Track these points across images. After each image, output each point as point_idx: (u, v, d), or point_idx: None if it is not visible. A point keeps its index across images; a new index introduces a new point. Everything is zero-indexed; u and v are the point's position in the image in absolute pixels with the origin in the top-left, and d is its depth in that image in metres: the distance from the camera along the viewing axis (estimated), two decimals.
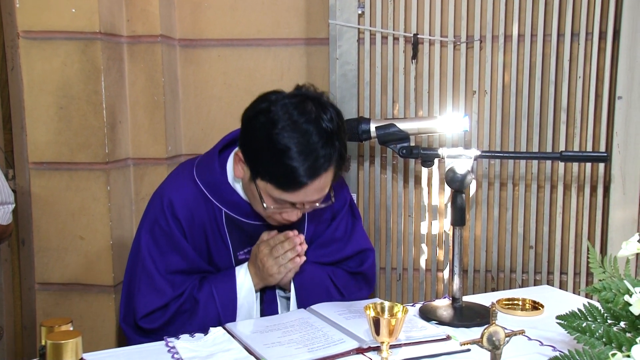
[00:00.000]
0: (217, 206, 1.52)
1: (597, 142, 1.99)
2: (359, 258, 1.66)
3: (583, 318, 1.14)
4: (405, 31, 2.03)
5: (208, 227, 1.53)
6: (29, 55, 1.82)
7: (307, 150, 1.31)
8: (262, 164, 1.35)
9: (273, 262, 1.46)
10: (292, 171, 1.31)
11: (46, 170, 1.86)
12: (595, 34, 1.95)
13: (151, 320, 1.48)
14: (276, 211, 1.42)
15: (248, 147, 1.40)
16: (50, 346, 0.93)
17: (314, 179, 1.33)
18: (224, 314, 1.47)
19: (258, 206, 1.44)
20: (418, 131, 1.58)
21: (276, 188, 1.35)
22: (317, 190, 1.37)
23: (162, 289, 1.48)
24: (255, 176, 1.38)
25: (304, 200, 1.38)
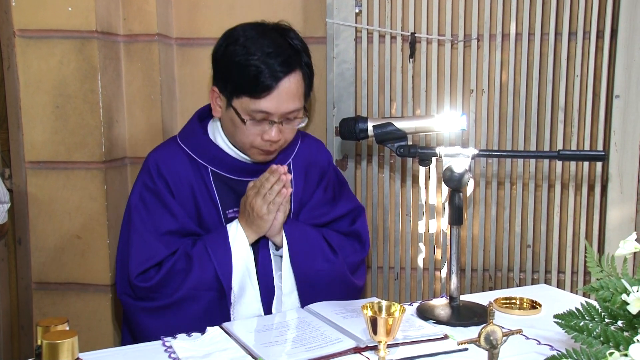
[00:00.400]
0: (203, 165, 1.58)
1: (594, 141, 1.99)
2: (350, 217, 1.71)
3: (580, 317, 1.14)
4: (402, 30, 2.03)
5: (196, 187, 1.56)
6: (25, 54, 1.82)
7: (272, 52, 1.45)
8: (233, 79, 1.47)
9: (261, 202, 1.47)
10: (260, 72, 1.44)
11: (43, 169, 1.86)
12: (592, 33, 1.95)
13: (145, 279, 1.48)
14: (257, 131, 1.49)
15: (219, 73, 1.53)
16: (46, 346, 0.92)
17: (283, 77, 1.45)
18: (220, 270, 1.46)
19: (241, 136, 1.51)
20: (415, 130, 1.58)
21: (250, 98, 1.45)
22: (288, 96, 1.47)
23: (155, 248, 1.50)
24: (230, 98, 1.49)
25: (279, 108, 1.47)
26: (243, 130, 1.50)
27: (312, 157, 1.72)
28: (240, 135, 1.53)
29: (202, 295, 1.46)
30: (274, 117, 1.48)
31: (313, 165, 1.70)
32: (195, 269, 1.46)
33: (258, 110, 1.46)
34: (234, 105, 1.49)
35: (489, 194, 2.07)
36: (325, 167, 1.74)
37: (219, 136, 1.62)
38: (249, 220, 1.50)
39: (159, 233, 1.52)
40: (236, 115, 1.49)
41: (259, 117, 1.48)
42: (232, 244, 1.49)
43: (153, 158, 1.60)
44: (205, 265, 1.47)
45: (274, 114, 1.48)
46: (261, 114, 1.47)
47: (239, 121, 1.49)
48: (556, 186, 2.03)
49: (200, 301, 1.46)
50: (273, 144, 1.53)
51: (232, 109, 1.50)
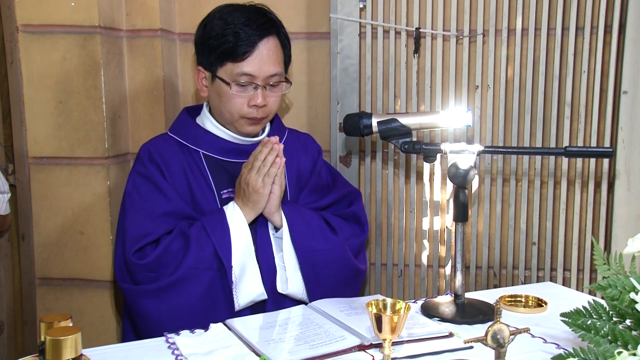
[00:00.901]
0: (195, 150, 1.62)
1: (601, 138, 1.98)
2: (347, 200, 1.75)
3: (588, 316, 1.13)
4: (407, 25, 2.01)
5: (189, 172, 1.59)
6: (28, 50, 1.81)
7: (247, 20, 1.53)
8: (215, 49, 1.54)
9: (256, 175, 1.49)
10: (238, 38, 1.52)
11: (46, 165, 1.85)
12: (600, 27, 1.93)
13: (142, 256, 1.48)
14: (242, 98, 1.55)
15: (201, 51, 1.60)
16: (49, 342, 0.92)
17: (259, 40, 1.53)
18: (220, 249, 1.45)
19: (229, 105, 1.57)
20: (420, 126, 1.57)
21: (233, 62, 1.53)
22: (269, 58, 1.55)
23: (150, 227, 1.50)
24: (215, 70, 1.57)
25: (261, 70, 1.54)
26: (229, 99, 1.56)
27: (301, 145, 1.77)
28: (228, 106, 1.57)
29: (203, 274, 1.44)
30: (258, 79, 1.55)
31: (303, 153, 1.76)
32: (193, 247, 1.45)
33: (242, 73, 1.53)
34: (219, 75, 1.56)
35: (494, 190, 2.05)
36: (316, 155, 1.79)
37: (208, 122, 1.66)
38: (245, 198, 1.51)
39: (154, 215, 1.52)
40: (222, 82, 1.55)
41: (243, 80, 1.54)
42: (230, 223, 1.49)
43: (145, 147, 1.64)
44: (203, 244, 1.46)
45: (257, 76, 1.54)
46: (245, 76, 1.54)
47: (225, 90, 1.55)
48: (562, 183, 2.01)
49: (200, 281, 1.44)
50: (259, 109, 1.58)
51: (217, 79, 1.57)
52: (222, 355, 1.18)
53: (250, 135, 1.66)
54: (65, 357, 0.91)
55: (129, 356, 1.21)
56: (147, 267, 1.47)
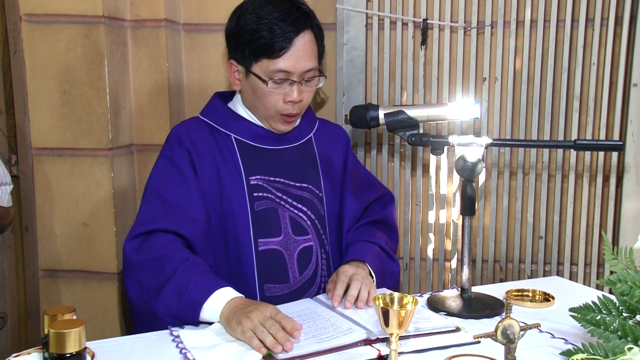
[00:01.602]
0: (226, 134, 1.60)
1: (610, 131, 1.95)
2: (382, 201, 1.76)
3: (597, 311, 1.12)
4: (414, 16, 1.99)
5: (218, 156, 1.57)
6: (32, 39, 1.79)
7: (281, 15, 1.48)
8: (250, 45, 1.50)
9: (256, 318, 1.20)
10: (274, 34, 1.47)
11: (49, 156, 1.84)
12: (611, 19, 1.90)
13: (132, 248, 1.45)
14: (278, 94, 1.51)
15: (234, 45, 1.55)
16: (53, 335, 0.91)
17: (295, 36, 1.48)
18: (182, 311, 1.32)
19: (264, 101, 1.53)
20: (428, 118, 1.54)
21: (269, 59, 1.48)
22: (304, 53, 1.50)
23: (157, 216, 1.47)
24: (249, 65, 1.52)
25: (296, 66, 1.49)
26: (265, 95, 1.52)
27: (332, 137, 1.75)
28: (263, 101, 1.54)
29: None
30: (293, 76, 1.51)
31: (335, 145, 1.73)
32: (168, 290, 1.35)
33: (277, 70, 1.49)
34: (254, 71, 1.52)
35: (500, 184, 2.03)
36: (346, 148, 1.76)
37: (240, 108, 1.64)
38: (234, 310, 1.26)
39: (167, 203, 1.50)
40: (257, 79, 1.51)
41: (279, 77, 1.50)
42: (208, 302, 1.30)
43: (175, 130, 1.61)
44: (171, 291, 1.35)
45: (292, 72, 1.50)
46: (281, 73, 1.50)
47: (261, 87, 1.51)
48: (570, 177, 1.99)
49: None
50: (295, 105, 1.55)
51: (252, 75, 1.52)
52: (225, 350, 1.17)
53: (277, 132, 1.63)
54: (69, 350, 0.90)
55: (133, 349, 1.20)
56: (130, 260, 1.44)
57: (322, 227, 1.61)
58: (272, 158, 1.60)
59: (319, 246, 1.59)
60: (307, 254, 1.57)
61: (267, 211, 1.55)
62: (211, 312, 1.28)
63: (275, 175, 1.59)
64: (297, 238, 1.57)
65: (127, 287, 1.45)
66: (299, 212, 1.59)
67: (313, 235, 1.59)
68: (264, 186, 1.57)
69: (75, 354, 0.90)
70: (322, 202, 1.64)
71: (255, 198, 1.55)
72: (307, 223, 1.59)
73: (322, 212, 1.62)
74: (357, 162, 1.80)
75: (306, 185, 1.62)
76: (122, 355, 1.17)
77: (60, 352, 0.90)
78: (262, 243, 1.53)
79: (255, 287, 1.51)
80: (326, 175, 1.66)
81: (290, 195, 1.59)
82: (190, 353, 1.16)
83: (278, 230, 1.55)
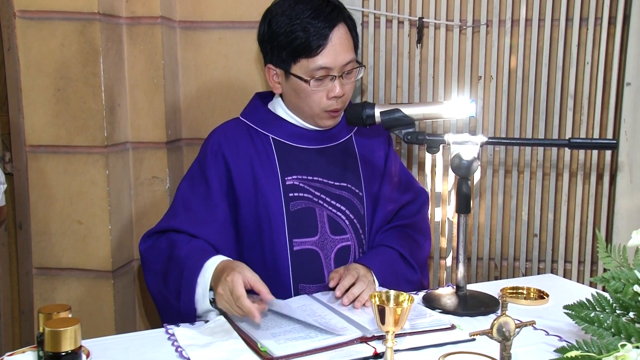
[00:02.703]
0: (264, 134, 1.61)
1: (604, 129, 1.96)
2: (418, 202, 1.74)
3: (591, 308, 1.12)
4: (410, 15, 1.99)
5: (255, 157, 1.58)
6: (26, 36, 1.78)
7: (312, 11, 1.49)
8: (286, 47, 1.50)
9: (223, 293, 1.29)
10: (308, 34, 1.47)
11: (44, 153, 1.83)
12: (604, 19, 1.91)
13: (145, 241, 1.57)
14: (321, 91, 1.52)
15: (270, 49, 1.56)
16: (48, 334, 0.90)
17: (329, 32, 1.48)
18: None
19: (308, 101, 1.54)
20: (424, 117, 1.55)
21: (307, 58, 1.49)
22: (342, 47, 1.51)
23: (175, 210, 1.57)
24: (288, 67, 1.52)
25: (336, 61, 1.49)
26: (308, 94, 1.53)
27: (373, 134, 1.73)
28: (307, 101, 1.55)
29: None
30: (334, 71, 1.51)
31: (376, 138, 1.73)
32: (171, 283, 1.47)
33: (317, 68, 1.50)
34: (294, 72, 1.52)
35: (495, 182, 2.04)
36: (387, 143, 1.75)
37: (279, 108, 1.64)
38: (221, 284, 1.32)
39: (187, 201, 1.57)
40: (298, 80, 1.52)
41: (319, 74, 1.50)
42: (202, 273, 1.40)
43: (215, 137, 1.63)
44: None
45: (332, 67, 1.50)
46: (321, 70, 1.50)
47: (303, 87, 1.52)
48: (564, 175, 2.00)
49: None
50: (338, 100, 1.55)
51: (292, 77, 1.53)
52: (220, 348, 1.17)
53: (325, 128, 1.63)
54: (64, 349, 0.89)
55: (129, 347, 1.20)
56: (143, 256, 1.57)
57: (362, 227, 1.61)
58: (311, 157, 1.60)
59: (357, 246, 1.58)
60: (345, 253, 1.57)
61: (303, 211, 1.55)
62: (205, 287, 1.38)
63: (314, 174, 1.59)
64: (335, 237, 1.56)
65: (146, 280, 1.55)
66: (338, 211, 1.58)
67: (351, 235, 1.58)
68: (301, 186, 1.57)
69: (70, 353, 0.90)
70: (362, 201, 1.62)
71: (290, 198, 1.55)
72: (345, 223, 1.58)
73: (362, 212, 1.61)
74: (397, 162, 1.78)
75: (345, 185, 1.61)
76: (118, 354, 1.17)
77: (56, 350, 0.89)
78: (297, 243, 1.53)
79: (290, 286, 1.52)
80: (367, 174, 1.65)
81: (329, 195, 1.59)
82: (185, 351, 1.15)
83: (314, 230, 1.55)
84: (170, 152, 1.96)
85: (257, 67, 2.02)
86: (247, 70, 2.03)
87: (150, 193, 1.95)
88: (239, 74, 2.04)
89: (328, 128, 1.63)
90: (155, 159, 1.94)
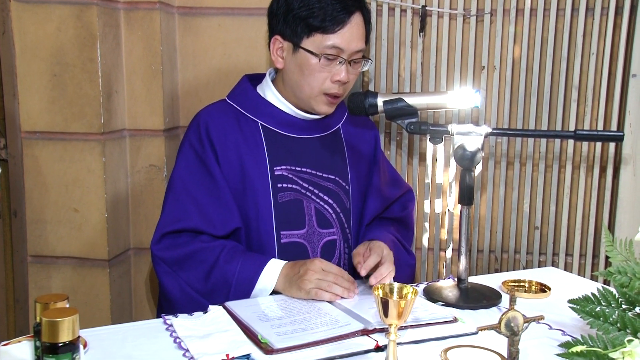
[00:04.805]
0: (253, 120, 1.57)
1: (608, 122, 1.94)
2: (404, 200, 1.74)
3: (597, 302, 1.11)
4: (413, 3, 1.96)
5: (243, 144, 1.54)
6: (21, 20, 1.75)
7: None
8: (303, 19, 1.47)
9: (313, 277, 1.34)
10: (333, 7, 1.45)
11: (39, 139, 1.80)
12: (611, 9, 1.88)
13: (161, 248, 1.47)
14: (326, 72, 1.49)
15: (283, 19, 1.50)
16: (45, 324, 0.88)
17: (351, 14, 1.47)
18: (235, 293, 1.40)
19: (311, 79, 1.50)
20: (427, 106, 1.52)
21: (323, 33, 1.46)
22: (358, 32, 1.49)
23: (186, 215, 1.48)
24: (299, 40, 1.49)
25: (350, 44, 1.47)
26: (313, 71, 1.49)
27: (360, 124, 1.72)
28: (310, 79, 1.50)
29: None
30: (344, 54, 1.48)
31: (363, 133, 1.71)
32: (215, 276, 1.43)
33: (331, 46, 1.47)
34: (304, 46, 1.48)
35: (497, 173, 2.02)
36: (374, 139, 1.73)
37: (269, 93, 1.60)
38: (291, 276, 1.38)
39: (197, 201, 1.49)
40: (308, 54, 1.48)
41: (331, 52, 1.47)
42: (260, 279, 1.40)
43: (203, 119, 1.56)
44: (224, 280, 1.42)
45: (345, 50, 1.48)
46: (334, 49, 1.47)
47: (311, 62, 1.48)
48: (567, 167, 1.98)
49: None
50: (341, 86, 1.52)
51: (301, 50, 1.49)
52: (219, 339, 1.15)
53: (319, 114, 1.59)
54: (62, 339, 0.87)
55: (126, 337, 1.18)
56: (166, 261, 1.47)
57: (347, 221, 1.58)
58: (301, 147, 1.56)
59: (342, 240, 1.57)
60: (331, 247, 1.55)
61: (291, 203, 1.52)
62: (264, 290, 1.38)
63: (303, 165, 1.56)
64: (322, 231, 1.54)
65: (166, 285, 1.46)
66: (325, 204, 1.56)
67: (337, 229, 1.56)
68: (289, 177, 1.54)
69: (68, 343, 0.87)
70: (348, 195, 1.60)
71: (279, 189, 1.52)
72: (332, 216, 1.56)
73: (347, 205, 1.59)
74: (384, 158, 1.77)
75: (333, 177, 1.58)
76: (115, 344, 1.15)
77: (53, 341, 0.87)
78: (285, 235, 1.51)
79: None
80: (353, 167, 1.63)
81: (316, 187, 1.56)
82: (184, 342, 1.14)
83: (302, 222, 1.52)
84: (167, 139, 1.93)
85: (256, 54, 1.99)
86: (245, 58, 2.00)
87: (147, 181, 1.93)
88: (238, 61, 2.01)
89: (321, 115, 1.59)
90: (153, 147, 1.91)
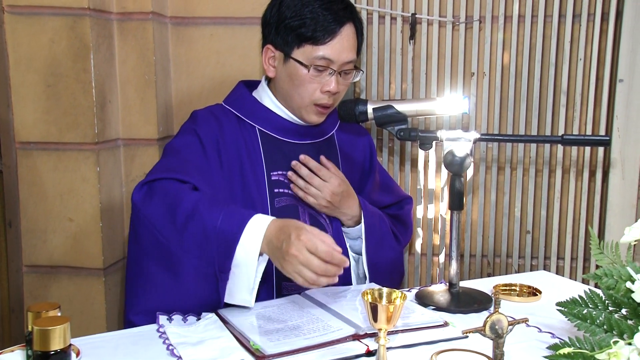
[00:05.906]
0: (250, 125, 1.57)
1: (596, 126, 1.97)
2: (401, 203, 1.78)
3: (584, 305, 1.12)
4: (403, 11, 1.98)
5: (243, 147, 1.54)
6: (15, 31, 1.76)
7: (327, 2, 1.48)
8: (293, 29, 1.48)
9: (295, 260, 1.19)
10: (324, 18, 1.46)
11: (33, 150, 1.81)
12: (597, 15, 1.91)
13: (139, 192, 1.40)
14: (316, 82, 1.50)
15: (274, 29, 1.52)
16: (37, 332, 0.89)
17: (342, 25, 1.48)
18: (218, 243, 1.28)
19: (301, 90, 1.51)
20: (416, 113, 1.54)
21: (313, 45, 1.47)
22: (349, 43, 1.50)
23: (169, 163, 1.44)
24: (290, 50, 1.50)
25: (340, 55, 1.49)
26: (303, 82, 1.51)
27: (353, 132, 1.73)
28: (299, 90, 1.52)
29: None
30: (334, 65, 1.50)
31: (357, 142, 1.73)
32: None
33: (320, 57, 1.48)
34: (295, 56, 1.50)
35: (488, 178, 2.04)
36: (367, 146, 1.76)
37: (266, 98, 1.61)
38: (275, 243, 1.24)
39: (182, 158, 1.46)
40: (297, 65, 1.49)
41: (320, 64, 1.49)
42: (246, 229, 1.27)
43: (202, 112, 1.58)
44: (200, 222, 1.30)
45: (335, 61, 1.49)
46: (323, 60, 1.49)
47: (300, 73, 1.50)
48: (557, 171, 2.00)
49: None
50: (331, 96, 1.53)
51: (291, 61, 1.50)
52: (211, 347, 1.16)
53: (309, 123, 1.61)
54: (53, 348, 0.88)
55: (119, 345, 1.19)
56: (139, 205, 1.39)
57: (340, 227, 1.61)
58: (295, 153, 1.57)
59: None
60: None
61: (287, 208, 1.54)
62: (249, 251, 1.25)
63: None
64: None
65: (139, 233, 1.39)
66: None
67: (332, 235, 1.56)
68: (286, 182, 1.56)
69: (59, 352, 0.88)
70: None
71: (275, 194, 1.54)
72: (326, 221, 1.58)
73: None
74: (378, 166, 1.79)
75: None
76: (108, 352, 1.16)
77: (44, 349, 0.88)
78: None
79: (273, 284, 1.50)
80: (346, 174, 1.64)
81: None
82: (177, 349, 1.15)
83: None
84: (161, 149, 1.94)
85: (249, 63, 2.01)
86: (239, 67, 2.01)
87: None
88: (231, 70, 2.02)
89: (311, 124, 1.60)
90: (147, 156, 1.93)
